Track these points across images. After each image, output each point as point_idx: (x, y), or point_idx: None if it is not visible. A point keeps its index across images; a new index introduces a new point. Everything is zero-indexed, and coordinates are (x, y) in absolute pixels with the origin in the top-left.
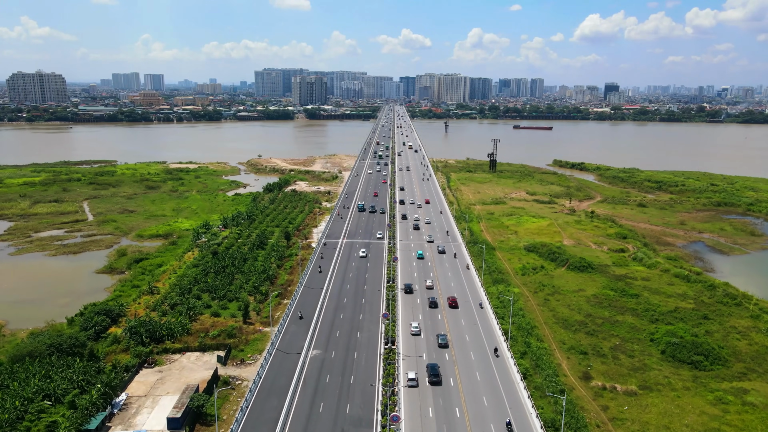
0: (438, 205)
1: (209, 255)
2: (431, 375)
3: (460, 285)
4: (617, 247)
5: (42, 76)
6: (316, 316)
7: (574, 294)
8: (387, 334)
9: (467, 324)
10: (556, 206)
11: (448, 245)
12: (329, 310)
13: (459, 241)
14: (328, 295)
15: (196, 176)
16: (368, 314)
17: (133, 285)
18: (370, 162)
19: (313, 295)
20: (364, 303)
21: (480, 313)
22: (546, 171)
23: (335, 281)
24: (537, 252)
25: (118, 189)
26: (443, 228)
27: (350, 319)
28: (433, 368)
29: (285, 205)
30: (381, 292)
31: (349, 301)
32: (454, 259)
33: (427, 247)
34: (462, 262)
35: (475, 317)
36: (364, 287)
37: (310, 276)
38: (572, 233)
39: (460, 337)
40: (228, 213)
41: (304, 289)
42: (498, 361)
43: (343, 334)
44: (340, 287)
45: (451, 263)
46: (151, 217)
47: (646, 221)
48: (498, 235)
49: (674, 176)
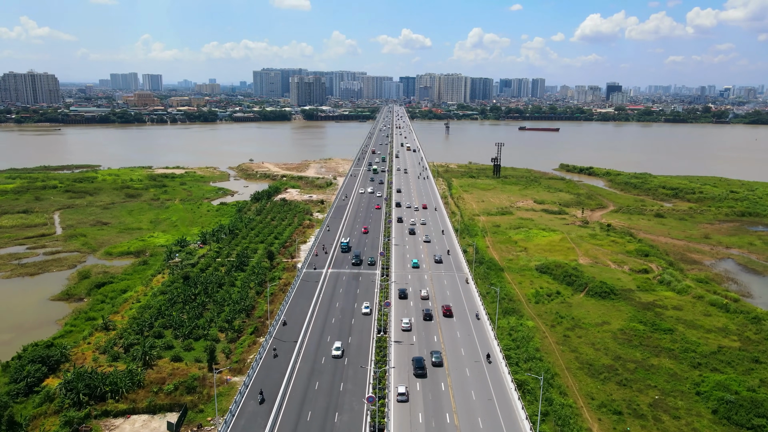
0: (440, 223)
1: (180, 280)
2: (417, 368)
3: (468, 336)
4: (639, 266)
5: (34, 77)
6: (281, 393)
7: (598, 329)
8: (374, 421)
9: (479, 401)
10: (567, 217)
11: (451, 280)
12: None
13: (464, 269)
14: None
15: (181, 183)
16: (351, 384)
17: (88, 317)
18: (363, 176)
19: (280, 365)
20: (345, 368)
21: (490, 369)
22: (553, 176)
23: (312, 335)
24: (551, 273)
25: (95, 197)
26: (443, 246)
27: (327, 393)
28: (418, 361)
29: (273, 216)
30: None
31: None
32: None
33: (427, 279)
34: (471, 308)
35: (487, 378)
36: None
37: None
38: (588, 250)
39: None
40: (210, 226)
41: (274, 341)
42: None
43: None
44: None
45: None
46: (126, 230)
47: (666, 234)
48: (506, 252)
49: (690, 182)
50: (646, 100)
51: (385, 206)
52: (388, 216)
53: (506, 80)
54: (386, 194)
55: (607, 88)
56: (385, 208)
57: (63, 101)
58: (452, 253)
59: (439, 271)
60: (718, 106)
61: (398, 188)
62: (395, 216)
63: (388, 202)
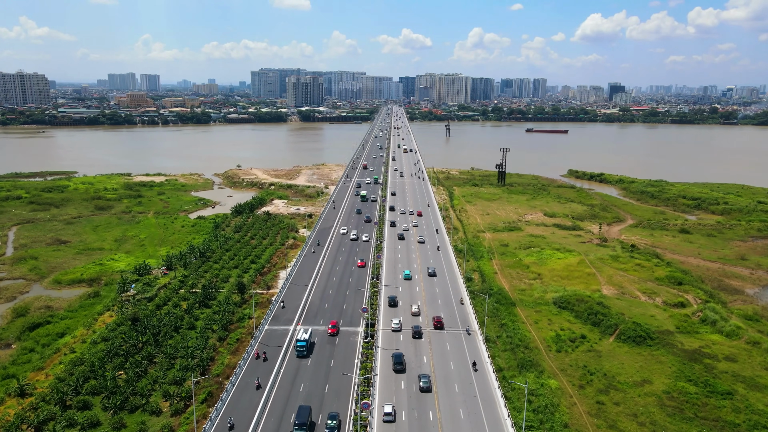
0: (438, 240)
1: (128, 322)
2: (396, 364)
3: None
4: (674, 298)
5: (23, 77)
6: None
7: (638, 390)
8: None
9: None
10: (582, 234)
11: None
12: None
13: (469, 314)
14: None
15: (159, 193)
16: None
17: (6, 374)
18: (349, 203)
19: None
20: None
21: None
22: (562, 184)
23: None
24: (571, 309)
25: (60, 210)
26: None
27: None
28: (397, 357)
29: (253, 234)
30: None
31: None
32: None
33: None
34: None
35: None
36: None
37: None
38: (611, 276)
39: None
40: (181, 245)
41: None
42: None
43: None
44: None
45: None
46: (85, 250)
47: (696, 254)
48: (517, 279)
49: (711, 190)
50: (649, 101)
51: (372, 267)
52: (375, 287)
53: (507, 80)
54: (375, 240)
55: (610, 88)
56: (371, 270)
57: (54, 102)
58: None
59: (441, 338)
60: (725, 106)
61: (393, 222)
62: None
63: (375, 269)
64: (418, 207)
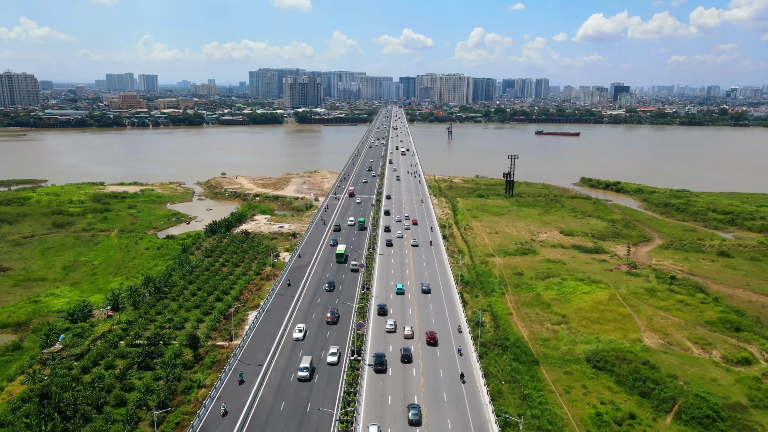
0: (437, 268)
1: (35, 398)
2: (377, 363)
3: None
4: (735, 352)
5: (11, 77)
6: None
7: None
8: None
9: None
10: (607, 258)
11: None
12: None
13: (479, 387)
14: None
15: (129, 206)
16: None
17: None
18: (325, 254)
19: None
20: None
21: None
22: (576, 194)
23: None
24: (611, 371)
25: (14, 227)
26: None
27: None
28: (378, 357)
29: (226, 259)
30: None
31: None
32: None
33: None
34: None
35: None
36: None
37: None
38: (651, 318)
39: None
40: (138, 275)
41: None
42: None
43: None
44: None
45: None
46: (25, 281)
47: (745, 285)
48: (537, 323)
49: (741, 202)
50: (653, 101)
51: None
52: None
53: (509, 81)
54: (350, 348)
55: (615, 88)
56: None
57: (44, 103)
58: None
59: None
60: (733, 107)
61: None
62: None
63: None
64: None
